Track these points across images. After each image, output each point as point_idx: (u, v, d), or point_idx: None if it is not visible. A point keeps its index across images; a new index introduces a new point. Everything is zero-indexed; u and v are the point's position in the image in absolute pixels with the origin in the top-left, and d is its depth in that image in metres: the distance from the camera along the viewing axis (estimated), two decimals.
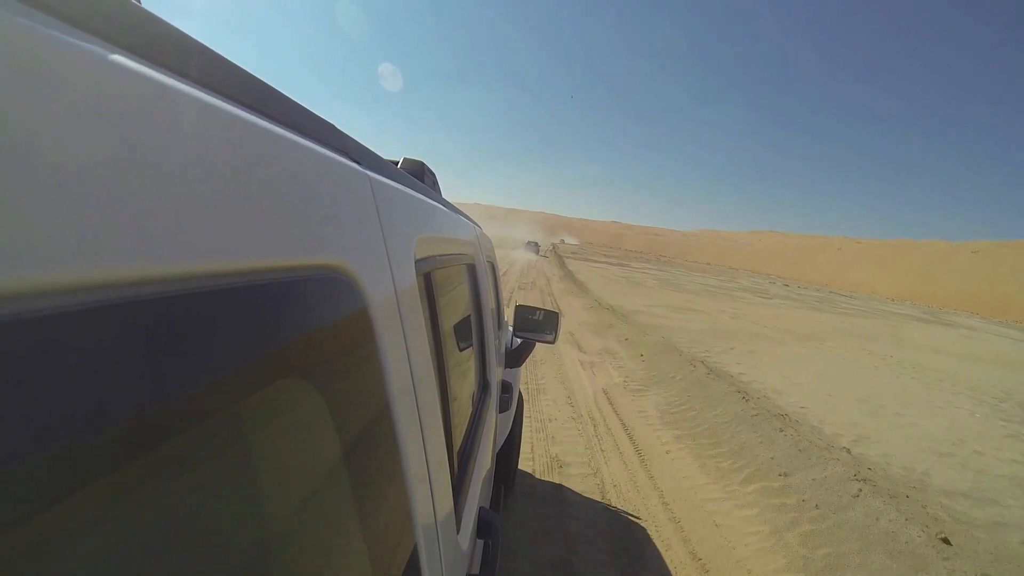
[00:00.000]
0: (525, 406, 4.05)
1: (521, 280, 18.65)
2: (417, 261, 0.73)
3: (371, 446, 0.49)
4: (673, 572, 2.69)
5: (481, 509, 1.18)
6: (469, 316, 1.49)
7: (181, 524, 0.24)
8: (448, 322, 1.08)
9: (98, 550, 0.20)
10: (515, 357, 2.79)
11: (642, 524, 3.11)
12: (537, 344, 2.83)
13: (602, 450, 4.08)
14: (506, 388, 2.32)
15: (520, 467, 3.43)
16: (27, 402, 0.17)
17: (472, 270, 1.59)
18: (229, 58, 0.36)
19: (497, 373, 2.13)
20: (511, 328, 2.91)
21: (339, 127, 0.56)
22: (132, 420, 0.21)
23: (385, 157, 0.78)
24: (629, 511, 3.23)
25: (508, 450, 2.64)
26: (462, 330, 1.34)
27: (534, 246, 48.32)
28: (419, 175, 1.19)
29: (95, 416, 0.19)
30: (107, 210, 0.21)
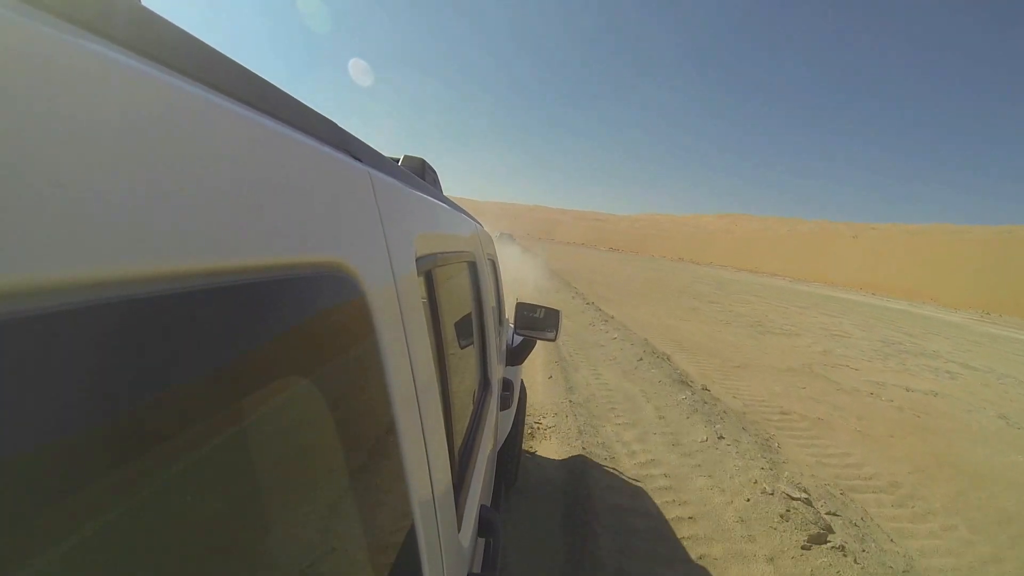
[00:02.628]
0: None
1: None
2: (418, 259, 0.73)
3: (372, 444, 0.49)
4: None
5: (482, 507, 1.19)
6: (470, 314, 1.49)
7: (182, 521, 0.24)
8: (449, 320, 1.08)
9: (99, 549, 0.20)
10: (516, 355, 2.79)
11: None
12: None
13: None
14: (507, 386, 2.32)
15: None
16: (27, 401, 0.17)
17: (473, 267, 1.59)
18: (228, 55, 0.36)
19: (498, 371, 2.13)
20: (512, 326, 2.91)
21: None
22: (134, 418, 0.21)
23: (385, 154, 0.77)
24: None
25: (509, 448, 2.65)
26: (463, 328, 1.34)
27: (508, 238, 35.59)
28: (420, 172, 1.19)
29: (96, 414, 0.19)
30: (108, 209, 0.21)
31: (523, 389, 3.18)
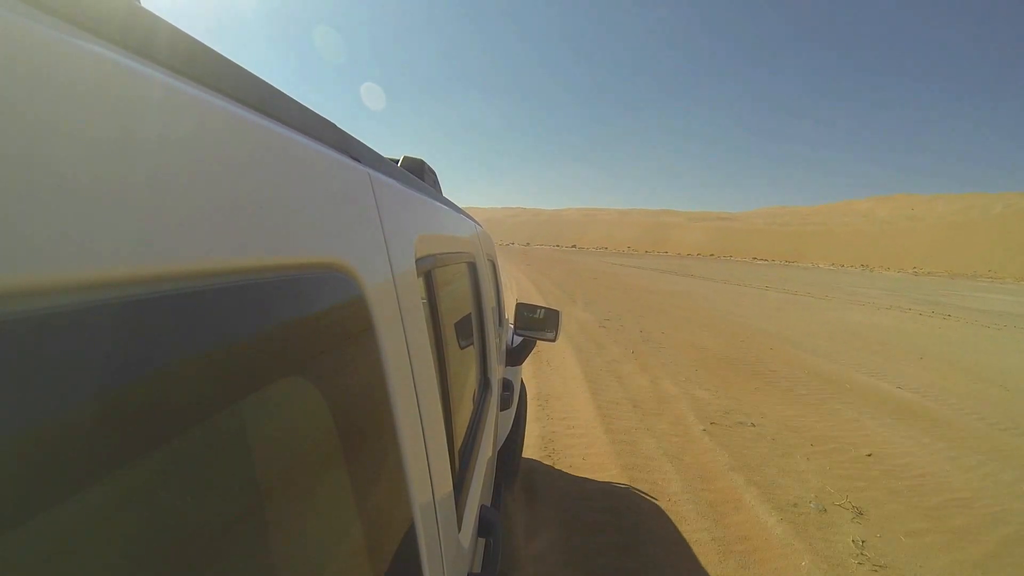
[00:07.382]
0: None
1: None
2: (418, 259, 0.73)
3: (372, 445, 0.49)
4: None
5: (482, 507, 1.19)
6: (470, 314, 1.49)
7: (182, 521, 0.24)
8: (449, 320, 1.08)
9: (100, 548, 0.20)
10: (516, 355, 2.79)
11: None
12: None
13: None
14: (507, 386, 2.33)
15: None
16: (27, 401, 0.17)
17: (473, 268, 1.59)
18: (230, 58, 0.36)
19: (498, 371, 2.13)
20: (512, 326, 2.92)
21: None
22: (134, 418, 0.21)
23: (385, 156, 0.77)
24: None
25: (509, 448, 2.65)
26: (463, 328, 1.34)
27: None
28: (419, 173, 1.20)
29: (96, 414, 0.19)
30: (108, 209, 0.21)
31: (523, 389, 3.19)
